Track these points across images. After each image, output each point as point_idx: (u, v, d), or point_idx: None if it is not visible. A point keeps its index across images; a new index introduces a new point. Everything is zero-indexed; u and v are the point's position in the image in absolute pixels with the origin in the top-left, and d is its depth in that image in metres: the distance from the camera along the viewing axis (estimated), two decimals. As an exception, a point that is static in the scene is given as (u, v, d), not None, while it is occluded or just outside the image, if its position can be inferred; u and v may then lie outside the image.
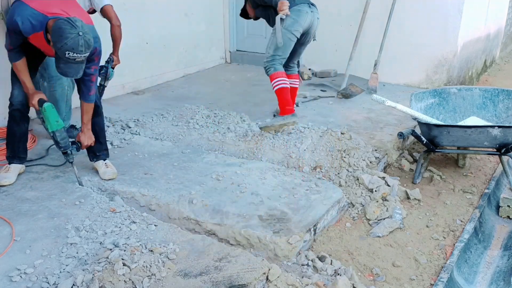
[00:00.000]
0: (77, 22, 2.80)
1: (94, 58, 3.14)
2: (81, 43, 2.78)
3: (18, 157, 3.45)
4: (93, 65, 3.16)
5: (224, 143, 4.12)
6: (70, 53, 2.77)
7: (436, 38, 5.77)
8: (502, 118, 4.18)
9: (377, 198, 3.41)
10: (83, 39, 2.79)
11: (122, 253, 2.48)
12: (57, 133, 3.18)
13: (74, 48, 2.77)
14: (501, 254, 3.25)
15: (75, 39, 2.76)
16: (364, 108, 5.12)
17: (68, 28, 2.76)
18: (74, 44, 2.76)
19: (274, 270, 2.45)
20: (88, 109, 3.30)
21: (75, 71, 2.90)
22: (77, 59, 2.82)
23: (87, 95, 3.25)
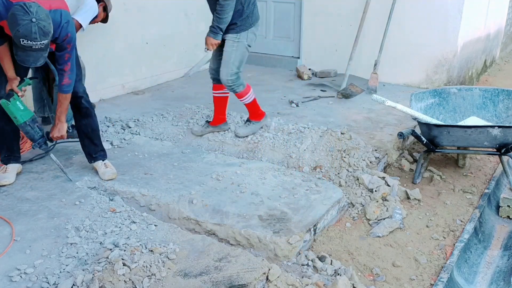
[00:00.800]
0: (31, 8, 2.64)
1: (66, 46, 3.00)
2: (34, 30, 2.63)
3: (14, 157, 3.43)
4: (66, 52, 3.02)
5: (224, 143, 4.12)
6: (24, 40, 2.64)
7: (436, 38, 5.77)
8: (502, 118, 4.18)
9: (377, 198, 3.41)
10: (37, 25, 2.64)
11: (122, 253, 2.48)
12: (20, 127, 3.20)
13: (27, 36, 2.63)
14: (501, 254, 3.25)
15: (27, 25, 2.62)
16: (364, 108, 5.12)
17: (21, 15, 2.62)
18: (26, 31, 2.62)
19: (274, 270, 2.44)
20: (61, 100, 3.17)
21: (34, 59, 2.77)
22: (34, 46, 2.68)
23: (60, 85, 3.13)
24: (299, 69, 6.37)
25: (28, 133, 3.22)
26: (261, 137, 4.08)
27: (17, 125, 3.19)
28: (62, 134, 3.29)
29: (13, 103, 3.12)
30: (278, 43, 6.99)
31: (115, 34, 5.34)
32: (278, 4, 6.82)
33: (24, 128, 3.20)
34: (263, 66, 7.05)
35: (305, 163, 3.82)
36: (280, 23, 6.89)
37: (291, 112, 4.95)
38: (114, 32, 5.31)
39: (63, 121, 3.27)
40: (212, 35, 3.78)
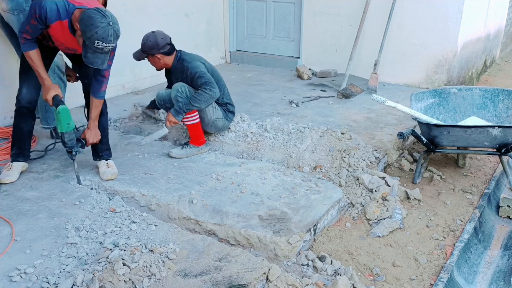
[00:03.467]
0: (106, 12, 2.81)
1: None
2: (111, 33, 2.79)
3: (23, 155, 3.45)
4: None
5: (224, 143, 4.12)
6: (99, 42, 2.77)
7: (436, 38, 5.77)
8: (502, 118, 4.18)
9: (377, 198, 3.41)
10: (113, 29, 2.80)
11: (122, 253, 2.48)
12: (66, 134, 3.17)
13: (104, 38, 2.77)
14: (501, 254, 3.25)
15: (106, 28, 2.77)
16: (364, 108, 5.12)
17: (99, 18, 2.76)
18: (104, 34, 2.77)
19: (274, 270, 2.45)
20: (97, 105, 3.27)
21: (101, 61, 2.90)
22: (105, 49, 2.83)
23: (97, 91, 3.22)
24: (299, 69, 6.38)
25: (72, 140, 3.19)
26: (261, 137, 4.08)
27: (65, 131, 3.14)
28: (98, 139, 3.36)
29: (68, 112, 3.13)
30: (278, 43, 7.00)
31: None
32: (278, 4, 6.82)
33: (71, 135, 3.17)
34: (263, 66, 7.05)
35: (305, 163, 3.82)
36: (280, 23, 6.89)
37: (291, 112, 4.95)
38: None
39: (97, 125, 3.33)
40: (174, 113, 3.70)
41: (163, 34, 3.77)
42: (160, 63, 3.83)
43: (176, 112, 3.69)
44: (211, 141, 4.15)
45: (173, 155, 3.82)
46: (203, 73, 3.73)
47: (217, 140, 4.14)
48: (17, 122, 3.38)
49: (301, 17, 6.64)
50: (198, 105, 3.69)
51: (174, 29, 6.16)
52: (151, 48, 3.73)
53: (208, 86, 3.68)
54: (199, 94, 3.67)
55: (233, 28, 7.25)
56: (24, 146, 3.44)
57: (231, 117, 4.09)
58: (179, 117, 3.71)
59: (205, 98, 3.67)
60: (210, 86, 3.68)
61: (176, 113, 3.70)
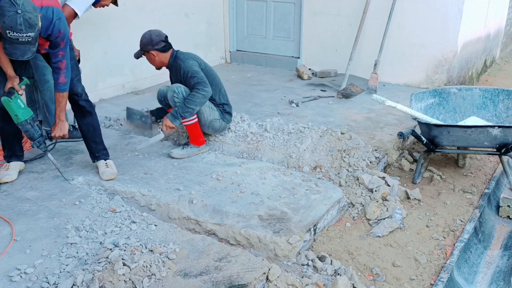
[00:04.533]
0: (17, 0, 2.66)
1: (60, 43, 3.01)
2: (20, 21, 2.64)
3: (15, 155, 3.45)
4: (60, 50, 3.03)
5: (224, 143, 4.12)
6: (10, 32, 2.65)
7: (436, 38, 5.77)
8: (502, 118, 4.18)
9: (377, 198, 3.40)
10: (22, 17, 2.64)
11: (122, 253, 2.48)
12: (19, 125, 3.18)
13: (12, 27, 2.64)
14: (501, 254, 3.25)
15: (13, 17, 2.63)
16: (364, 108, 5.12)
17: (7, 6, 2.64)
18: (12, 22, 2.63)
19: (274, 270, 2.45)
20: (59, 98, 3.19)
21: (21, 52, 2.77)
22: (20, 39, 2.69)
23: (56, 84, 3.14)
24: (299, 69, 6.38)
25: (28, 131, 3.21)
26: (261, 137, 4.07)
27: (17, 123, 3.18)
28: (64, 133, 3.30)
29: (14, 101, 3.12)
30: (278, 43, 7.00)
31: (115, 34, 5.34)
32: (278, 4, 6.82)
33: (25, 127, 3.19)
34: (263, 66, 7.05)
35: (305, 163, 3.82)
36: (280, 23, 6.89)
37: (291, 112, 4.95)
38: (114, 32, 5.32)
39: (63, 119, 3.27)
40: (171, 118, 3.70)
41: (158, 32, 3.79)
42: (156, 61, 3.84)
43: (173, 117, 3.69)
44: (211, 141, 4.15)
45: (174, 155, 3.81)
46: (196, 72, 3.72)
47: (217, 140, 4.14)
48: (0, 124, 3.35)
49: (301, 17, 6.64)
50: (194, 106, 3.68)
51: (174, 29, 6.17)
52: (146, 44, 3.76)
53: (201, 86, 3.67)
54: (193, 95, 3.67)
55: (233, 28, 7.25)
56: (14, 147, 3.43)
57: (228, 118, 4.08)
58: (176, 122, 3.70)
59: (199, 99, 3.67)
60: (202, 85, 3.68)
61: (173, 118, 3.69)
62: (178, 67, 3.79)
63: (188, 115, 3.71)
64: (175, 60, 3.84)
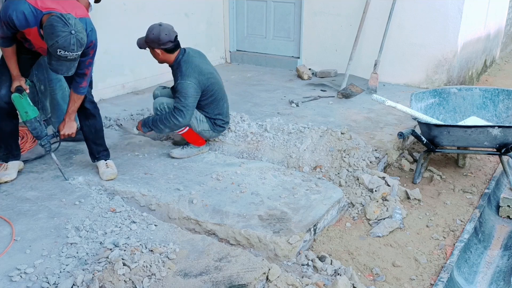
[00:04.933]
0: (70, 20, 2.71)
1: (90, 52, 3.07)
2: (73, 42, 2.71)
3: (12, 155, 3.44)
4: (88, 58, 3.10)
5: (224, 143, 4.12)
6: (61, 51, 2.71)
7: (436, 38, 5.77)
8: (502, 118, 4.18)
9: (377, 198, 3.41)
10: (75, 37, 2.71)
11: (122, 253, 2.48)
12: (27, 123, 3.19)
13: (65, 47, 2.70)
14: (501, 254, 3.25)
15: (67, 37, 2.69)
16: (364, 108, 5.12)
17: (60, 26, 2.68)
18: (65, 43, 2.69)
19: (274, 270, 2.45)
20: (75, 99, 3.24)
21: (67, 68, 2.84)
22: (69, 57, 2.76)
23: (77, 87, 3.20)
24: (299, 69, 6.38)
25: (36, 129, 3.22)
26: (261, 137, 4.07)
27: (25, 120, 3.18)
28: (72, 132, 3.33)
29: (24, 98, 3.15)
30: (278, 43, 7.00)
31: (115, 34, 5.34)
32: (278, 4, 6.82)
33: (33, 124, 3.20)
34: (263, 66, 7.05)
35: (305, 163, 3.82)
36: (280, 23, 6.89)
37: (291, 112, 4.95)
38: (114, 32, 5.32)
39: (73, 119, 3.32)
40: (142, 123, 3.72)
41: (168, 30, 3.60)
42: (160, 58, 3.71)
43: (144, 123, 3.71)
44: (210, 141, 4.15)
45: (174, 155, 3.81)
46: (184, 96, 3.55)
47: (217, 140, 4.14)
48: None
49: (301, 17, 6.63)
50: (163, 127, 3.62)
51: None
52: (153, 41, 3.60)
53: (179, 112, 3.55)
54: (167, 117, 3.58)
55: (233, 28, 7.25)
56: (11, 146, 3.43)
57: (220, 130, 3.99)
58: (144, 129, 3.71)
59: (170, 124, 3.58)
60: (180, 114, 3.55)
61: (144, 124, 3.71)
62: (176, 77, 3.68)
63: (156, 131, 3.70)
64: (178, 66, 3.67)
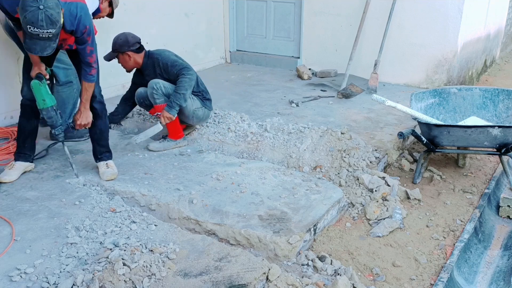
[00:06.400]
0: None
1: (87, 39, 3.02)
2: (41, 18, 2.62)
3: (23, 154, 3.44)
4: (87, 45, 3.05)
5: (224, 143, 4.12)
6: (31, 27, 2.63)
7: (436, 38, 5.77)
8: (502, 118, 4.18)
9: (377, 198, 3.41)
10: (44, 13, 2.62)
11: (122, 253, 2.48)
12: (43, 111, 3.19)
13: (33, 22, 2.62)
14: (501, 254, 3.25)
15: (35, 12, 2.61)
16: (364, 108, 5.12)
17: (30, 1, 2.62)
18: (33, 18, 2.62)
19: (274, 270, 2.45)
20: (87, 87, 3.22)
21: (40, 47, 2.74)
22: (41, 35, 2.67)
23: (87, 75, 3.18)
24: (299, 69, 6.38)
25: (52, 118, 3.21)
26: (261, 137, 4.07)
27: (42, 108, 3.16)
28: (89, 121, 3.33)
29: (44, 85, 3.12)
30: (278, 43, 7.00)
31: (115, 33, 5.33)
32: (278, 4, 6.82)
33: (50, 113, 3.19)
34: (263, 66, 7.05)
35: (305, 163, 3.82)
36: (280, 23, 6.89)
37: (291, 112, 4.95)
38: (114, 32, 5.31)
39: (88, 108, 3.29)
40: (168, 109, 3.78)
41: (132, 34, 3.95)
42: (130, 62, 3.93)
43: (169, 108, 3.79)
44: (210, 141, 4.15)
45: (151, 148, 3.94)
46: (175, 60, 3.88)
47: (217, 140, 4.14)
48: (20, 120, 3.40)
49: (301, 17, 6.63)
50: (184, 91, 3.78)
51: (174, 29, 6.18)
52: (122, 45, 3.86)
53: (184, 70, 3.82)
54: (180, 81, 3.79)
55: (233, 28, 7.25)
56: (24, 145, 3.43)
57: (209, 105, 4.16)
58: (173, 111, 3.80)
59: (187, 83, 3.79)
60: (186, 70, 3.83)
61: (170, 108, 3.79)
62: (155, 62, 3.91)
63: (182, 102, 3.81)
64: (149, 57, 3.97)
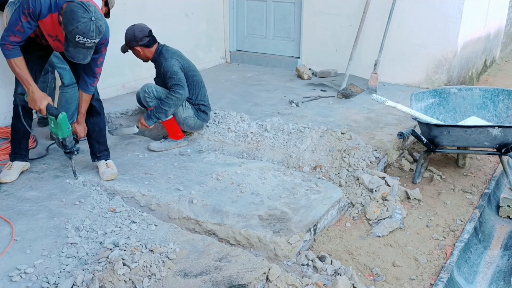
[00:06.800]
0: (90, 7, 2.76)
1: (102, 50, 3.10)
2: (93, 29, 2.75)
3: (20, 155, 3.45)
4: (100, 56, 3.12)
5: (224, 143, 4.12)
6: (80, 37, 2.74)
7: (436, 38, 5.77)
8: (502, 118, 4.18)
9: (377, 198, 3.41)
10: (95, 24, 2.76)
11: (122, 253, 2.48)
12: (68, 138, 3.18)
13: (85, 33, 2.74)
14: (501, 254, 3.25)
15: (87, 23, 2.73)
16: (364, 108, 5.12)
17: (81, 12, 2.72)
18: (85, 29, 2.73)
19: (274, 270, 2.45)
20: (87, 99, 3.29)
21: (83, 56, 2.87)
22: (87, 44, 2.79)
23: (89, 86, 3.23)
24: (299, 69, 6.38)
25: (72, 142, 3.22)
26: (261, 137, 4.08)
27: (65, 137, 3.15)
28: (86, 131, 3.41)
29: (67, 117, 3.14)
30: (278, 43, 7.00)
31: (115, 34, 5.32)
32: (278, 4, 6.82)
33: (71, 137, 3.20)
34: (263, 66, 7.05)
35: (305, 163, 3.82)
36: (280, 23, 6.89)
37: (291, 112, 4.95)
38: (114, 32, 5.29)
39: (85, 118, 3.36)
40: (146, 117, 3.81)
41: (141, 27, 3.85)
42: (141, 56, 3.97)
43: (147, 116, 3.82)
44: (210, 141, 4.15)
45: (152, 148, 3.93)
46: (174, 73, 3.81)
47: (217, 140, 4.14)
48: (13, 121, 3.39)
49: (301, 17, 6.63)
50: (167, 108, 3.78)
51: (174, 29, 6.18)
52: (130, 40, 3.87)
53: (176, 88, 3.77)
54: (167, 97, 3.78)
55: (233, 28, 7.25)
56: (20, 146, 3.44)
57: (204, 117, 4.13)
58: (150, 122, 3.82)
59: (172, 101, 3.78)
60: (178, 88, 3.77)
61: (148, 117, 3.82)
62: (160, 64, 3.90)
63: (162, 117, 3.82)
64: (159, 55, 3.93)
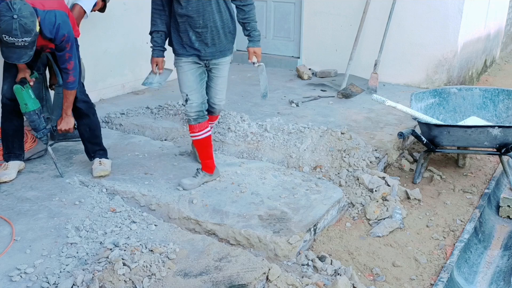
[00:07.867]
0: (15, 5, 2.72)
1: (65, 46, 3.08)
2: (15, 27, 2.70)
3: (14, 154, 3.45)
4: (66, 52, 3.10)
5: (224, 143, 4.12)
6: (6, 36, 2.72)
7: (436, 38, 5.77)
8: (502, 118, 4.18)
9: (377, 198, 3.41)
10: (18, 22, 2.70)
11: (122, 253, 2.48)
12: (26, 115, 3.23)
13: (8, 32, 2.71)
14: (501, 254, 3.25)
15: (9, 22, 2.69)
16: (364, 108, 5.12)
17: (4, 11, 2.70)
18: (7, 27, 2.70)
19: (274, 270, 2.45)
20: (67, 95, 3.27)
21: (17, 56, 2.84)
22: (16, 43, 2.76)
23: (65, 82, 3.23)
24: (299, 69, 6.38)
25: (34, 121, 3.26)
26: (261, 137, 4.07)
27: (24, 112, 3.22)
28: (70, 127, 3.36)
29: (26, 90, 3.20)
30: (278, 43, 7.00)
31: (115, 33, 5.34)
32: (278, 4, 6.82)
33: (32, 116, 3.24)
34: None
35: (305, 163, 3.82)
36: (280, 23, 6.89)
37: (291, 112, 4.95)
38: (114, 32, 5.32)
39: (70, 114, 3.34)
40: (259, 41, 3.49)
41: None
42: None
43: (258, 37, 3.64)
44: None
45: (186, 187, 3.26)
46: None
47: (217, 140, 4.14)
48: (1, 121, 3.40)
49: (301, 17, 6.64)
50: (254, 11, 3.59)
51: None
52: None
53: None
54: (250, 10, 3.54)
55: (233, 28, 7.24)
56: (12, 145, 3.44)
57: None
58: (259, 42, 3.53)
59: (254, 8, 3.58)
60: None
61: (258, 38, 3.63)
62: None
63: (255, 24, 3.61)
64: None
